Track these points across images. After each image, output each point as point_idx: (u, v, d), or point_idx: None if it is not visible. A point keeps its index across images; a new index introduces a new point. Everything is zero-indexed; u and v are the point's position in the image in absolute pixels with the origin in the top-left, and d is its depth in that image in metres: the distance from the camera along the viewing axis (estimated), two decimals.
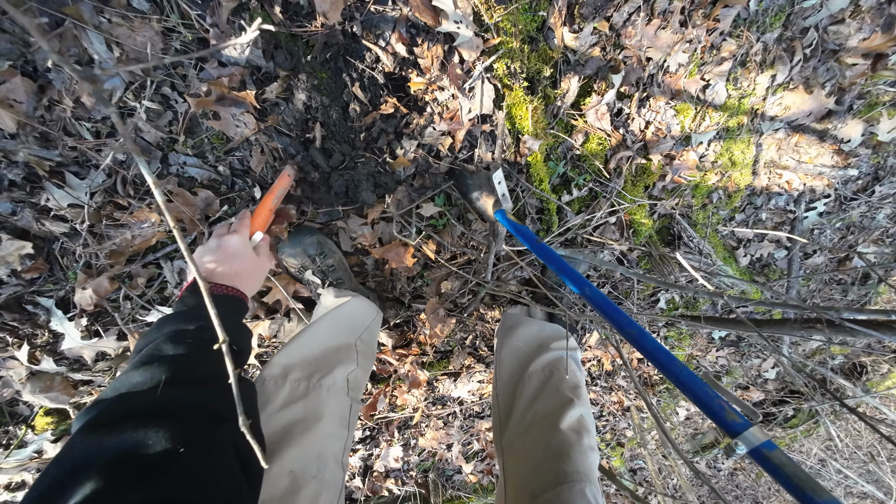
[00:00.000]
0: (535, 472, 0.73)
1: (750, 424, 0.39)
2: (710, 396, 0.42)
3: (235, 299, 0.65)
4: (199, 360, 0.50)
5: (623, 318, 0.54)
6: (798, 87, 1.20)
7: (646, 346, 0.51)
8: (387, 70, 0.85)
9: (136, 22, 0.69)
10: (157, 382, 0.44)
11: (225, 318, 0.56)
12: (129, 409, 0.42)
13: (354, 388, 0.83)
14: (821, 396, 2.07)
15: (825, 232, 1.71)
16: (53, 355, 0.93)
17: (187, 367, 0.48)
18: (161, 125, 0.80)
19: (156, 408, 0.42)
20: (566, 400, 0.85)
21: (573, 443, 0.75)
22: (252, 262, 0.70)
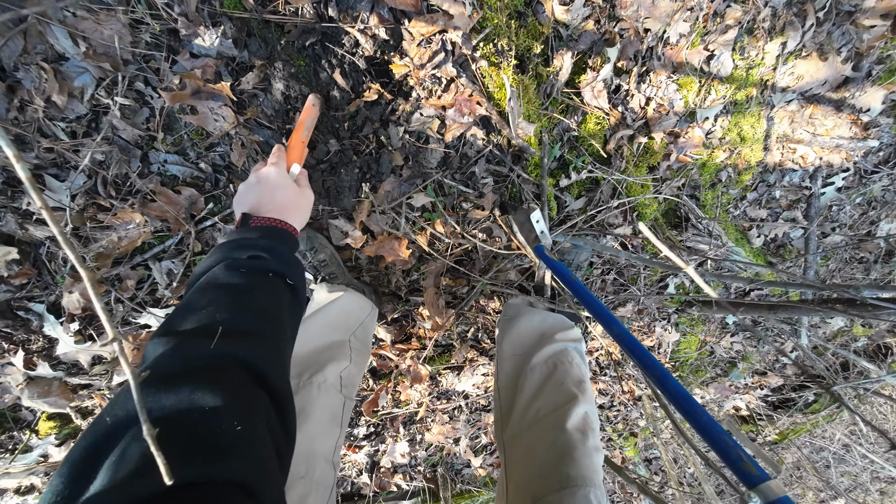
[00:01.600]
0: (538, 473, 0.70)
1: (767, 478, 0.37)
2: (727, 444, 0.42)
3: (285, 232, 0.61)
4: (253, 292, 0.47)
5: (649, 359, 0.55)
6: (811, 54, 1.12)
7: (668, 388, 0.52)
8: (367, 55, 0.81)
9: (101, 15, 0.67)
10: (213, 322, 0.41)
11: (276, 251, 0.54)
12: (186, 362, 0.38)
13: (348, 386, 0.80)
14: (843, 381, 1.98)
15: (844, 208, 1.62)
16: (49, 360, 0.93)
17: (240, 304, 0.45)
18: (138, 122, 0.78)
19: (212, 365, 0.38)
20: (570, 396, 0.81)
21: (577, 443, 0.71)
22: (295, 194, 0.67)
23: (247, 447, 0.34)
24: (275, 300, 0.50)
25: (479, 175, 1.00)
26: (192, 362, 0.38)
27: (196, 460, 0.30)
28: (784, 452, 2.70)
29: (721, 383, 2.06)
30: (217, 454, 0.32)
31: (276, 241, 0.57)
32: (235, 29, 0.73)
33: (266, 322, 0.45)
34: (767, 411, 2.21)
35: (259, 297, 0.48)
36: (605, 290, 1.37)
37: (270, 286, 0.51)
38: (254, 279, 0.49)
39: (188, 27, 0.69)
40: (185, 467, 0.29)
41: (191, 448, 0.31)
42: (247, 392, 0.38)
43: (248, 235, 0.56)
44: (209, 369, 0.37)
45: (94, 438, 0.32)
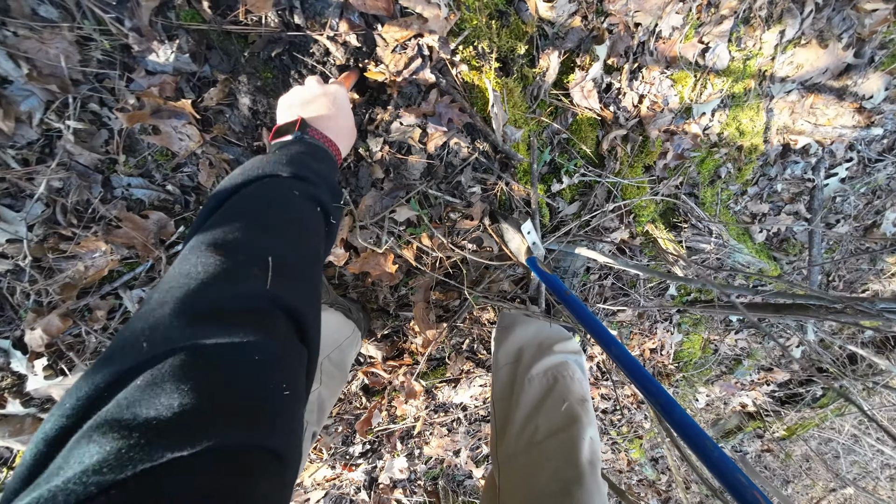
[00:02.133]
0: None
1: None
2: (742, 485, 0.39)
3: (335, 162, 0.54)
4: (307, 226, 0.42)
5: (652, 385, 0.52)
6: (811, 41, 1.07)
7: (675, 418, 0.48)
8: (339, 63, 0.76)
9: (45, 33, 0.62)
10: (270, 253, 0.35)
11: (329, 183, 0.48)
12: (240, 299, 0.32)
13: (314, 410, 0.75)
14: (851, 374, 1.94)
15: (848, 199, 1.57)
16: (20, 397, 0.89)
17: (297, 239, 0.40)
18: (96, 146, 0.73)
19: (267, 311, 0.32)
20: (574, 417, 0.75)
21: (584, 478, 0.64)
22: (351, 122, 0.61)
23: (290, 415, 0.30)
24: (320, 239, 0.45)
25: (465, 184, 0.95)
26: (245, 301, 0.32)
27: (244, 423, 0.27)
28: (792, 445, 2.66)
29: (727, 381, 2.01)
30: (263, 420, 0.28)
31: (330, 169, 0.51)
32: (193, 42, 0.68)
33: (312, 265, 0.41)
34: (775, 407, 2.16)
35: (308, 232, 0.43)
36: (604, 296, 1.32)
37: (317, 222, 0.46)
38: (307, 211, 0.44)
39: (140, 42, 0.64)
40: (230, 429, 0.26)
41: (235, 404, 0.27)
42: (294, 349, 0.33)
43: (305, 154, 0.49)
44: (263, 316, 0.32)
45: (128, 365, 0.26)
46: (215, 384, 0.27)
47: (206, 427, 0.25)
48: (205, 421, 0.25)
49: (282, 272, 0.35)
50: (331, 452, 1.39)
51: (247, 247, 0.35)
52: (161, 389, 0.25)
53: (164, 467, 0.23)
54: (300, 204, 0.43)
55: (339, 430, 1.34)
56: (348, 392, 1.29)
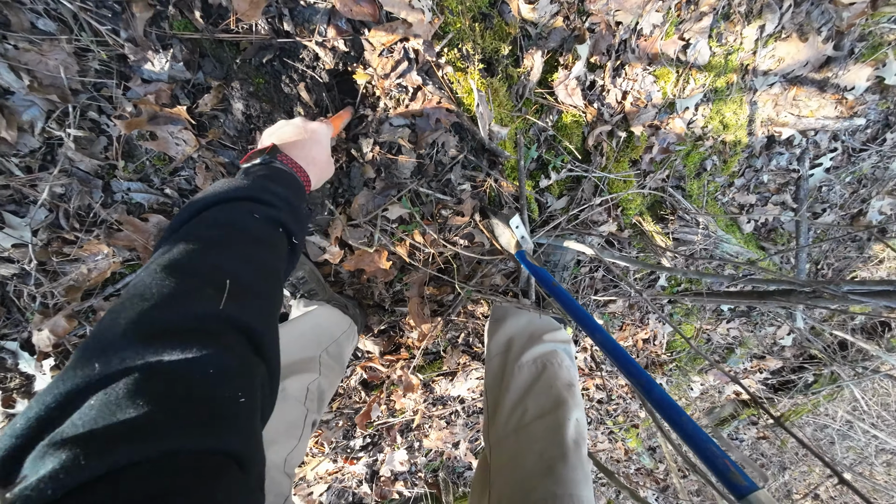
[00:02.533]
0: (521, 487, 0.68)
1: (755, 488, 0.35)
2: (714, 454, 0.41)
3: (301, 186, 0.56)
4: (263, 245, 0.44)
5: (634, 367, 0.55)
6: (791, 35, 1.09)
7: (654, 396, 0.51)
8: (328, 67, 0.78)
9: (44, 45, 0.64)
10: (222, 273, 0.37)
11: (291, 206, 0.50)
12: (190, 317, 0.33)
13: (314, 399, 0.78)
14: (842, 360, 1.98)
15: (834, 188, 1.60)
16: (28, 397, 0.92)
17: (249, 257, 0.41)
18: (95, 152, 0.76)
19: (218, 328, 0.34)
20: (561, 400, 0.79)
21: (568, 455, 0.68)
22: (327, 158, 0.63)
23: (246, 420, 0.31)
24: (278, 259, 0.46)
25: (455, 182, 0.98)
26: (199, 319, 0.33)
27: (196, 428, 0.28)
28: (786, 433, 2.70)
29: (720, 369, 2.05)
30: (218, 423, 0.29)
31: (294, 193, 0.53)
32: (187, 51, 0.71)
33: (269, 282, 0.42)
34: (768, 394, 2.20)
35: (266, 252, 0.44)
36: (595, 287, 1.35)
37: (278, 242, 0.47)
38: (266, 231, 0.46)
39: (136, 52, 0.67)
40: (181, 434, 0.27)
41: (191, 413, 0.28)
42: (248, 361, 0.35)
43: (267, 178, 0.51)
44: (215, 333, 0.33)
45: (77, 383, 0.27)
46: (170, 396, 0.28)
47: (161, 434, 0.26)
48: (160, 428, 0.26)
49: (235, 292, 0.36)
50: (332, 446, 1.43)
51: (200, 269, 0.37)
52: (116, 406, 0.26)
53: (121, 471, 0.23)
54: (259, 225, 0.45)
55: (340, 424, 1.37)
56: (347, 387, 1.32)
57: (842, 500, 3.66)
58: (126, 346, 0.29)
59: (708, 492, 2.93)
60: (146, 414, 0.26)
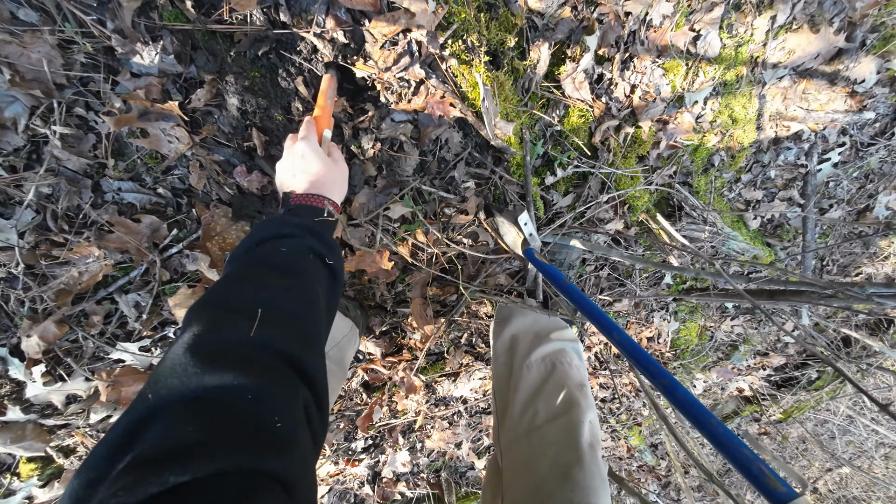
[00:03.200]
0: (537, 493, 0.65)
1: (795, 495, 0.32)
2: (748, 458, 0.38)
3: (321, 211, 0.60)
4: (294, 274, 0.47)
5: (655, 367, 0.52)
6: (802, 26, 1.06)
7: (678, 398, 0.48)
8: (326, 60, 0.75)
9: (25, 37, 0.61)
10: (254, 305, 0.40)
11: (314, 230, 0.53)
12: (227, 345, 0.37)
13: None
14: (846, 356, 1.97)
15: (841, 183, 1.58)
16: (20, 403, 0.89)
17: (281, 288, 0.44)
18: (84, 150, 0.72)
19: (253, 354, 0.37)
20: (573, 401, 0.77)
21: (584, 460, 0.66)
22: (328, 167, 0.64)
23: (290, 443, 0.33)
24: (314, 282, 0.49)
25: (459, 179, 0.95)
26: (234, 347, 0.37)
27: (238, 447, 0.30)
28: (788, 427, 2.70)
29: (723, 366, 2.04)
30: (259, 444, 0.31)
31: (315, 220, 0.57)
32: (178, 43, 0.67)
33: (305, 307, 0.45)
34: (771, 391, 2.19)
35: (300, 280, 0.47)
36: (600, 286, 1.33)
37: (310, 268, 0.51)
38: (294, 260, 0.49)
39: (124, 44, 0.63)
40: (226, 454, 0.29)
41: (232, 435, 0.31)
42: (288, 385, 0.37)
43: (288, 214, 0.56)
44: (250, 358, 0.36)
45: (136, 416, 0.32)
46: (214, 421, 0.31)
47: (207, 456, 0.28)
48: (207, 451, 0.29)
49: (269, 320, 0.39)
50: (333, 448, 1.40)
51: (236, 305, 0.41)
52: (169, 433, 0.30)
53: (170, 491, 0.26)
54: (287, 258, 0.48)
55: (341, 426, 1.35)
56: (349, 389, 1.29)
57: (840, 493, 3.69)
58: (175, 378, 0.33)
59: (709, 488, 2.93)
60: (195, 438, 0.29)
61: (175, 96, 0.72)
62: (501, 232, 0.97)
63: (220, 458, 0.28)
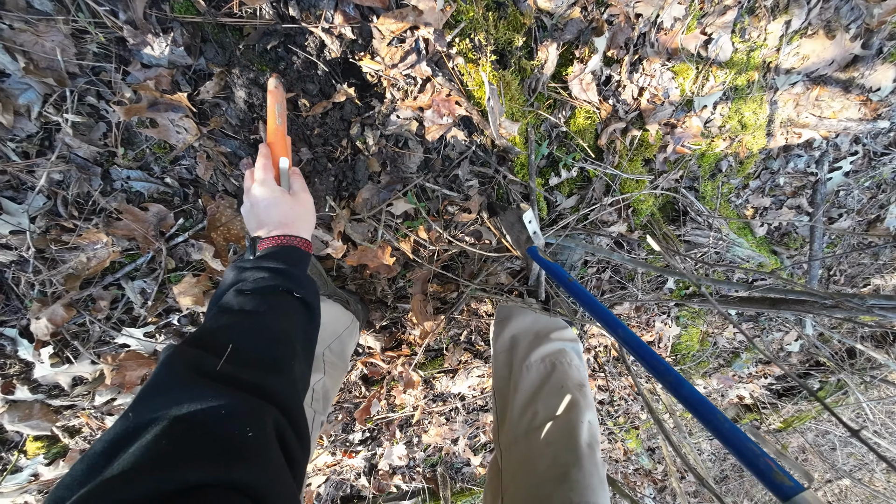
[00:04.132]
0: (536, 493, 0.66)
1: (801, 489, 0.33)
2: (755, 453, 0.39)
3: (289, 249, 0.61)
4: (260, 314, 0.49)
5: (661, 364, 0.52)
6: (817, 32, 1.04)
7: (683, 394, 0.48)
8: (333, 56, 0.75)
9: (40, 26, 0.62)
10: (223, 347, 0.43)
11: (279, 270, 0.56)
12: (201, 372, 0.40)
13: (320, 399, 0.77)
14: (850, 367, 1.94)
15: (852, 192, 1.55)
16: (28, 383, 0.91)
17: (248, 328, 0.47)
18: (94, 139, 0.74)
19: (225, 381, 0.40)
20: (572, 402, 0.77)
21: (583, 460, 0.66)
22: (290, 206, 0.65)
23: (257, 454, 0.34)
24: (283, 317, 0.51)
25: (462, 177, 0.95)
26: (211, 373, 0.40)
27: (207, 462, 0.31)
28: (788, 437, 2.69)
29: (724, 374, 2.02)
30: (228, 457, 0.32)
31: (280, 260, 0.58)
32: (188, 35, 0.68)
33: (275, 344, 0.47)
34: (771, 400, 2.18)
35: (267, 317, 0.49)
36: (602, 289, 1.33)
37: (278, 303, 0.52)
38: (260, 299, 0.51)
39: (135, 35, 0.64)
40: (194, 468, 0.30)
41: (204, 449, 0.32)
42: (258, 404, 0.39)
43: (255, 259, 0.58)
44: (226, 382, 0.39)
45: (117, 432, 0.34)
46: (187, 438, 0.33)
47: (178, 467, 0.30)
48: (178, 463, 0.30)
49: (235, 358, 0.42)
50: (331, 440, 1.42)
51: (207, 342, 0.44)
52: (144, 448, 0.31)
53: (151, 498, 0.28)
54: (252, 299, 0.51)
55: (339, 418, 1.37)
56: (348, 381, 1.31)
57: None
58: (155, 399, 0.36)
59: (705, 493, 2.92)
60: (167, 453, 0.31)
61: (184, 88, 0.73)
62: (504, 230, 0.97)
63: (190, 471, 0.30)
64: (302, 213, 0.66)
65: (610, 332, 0.61)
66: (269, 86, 0.68)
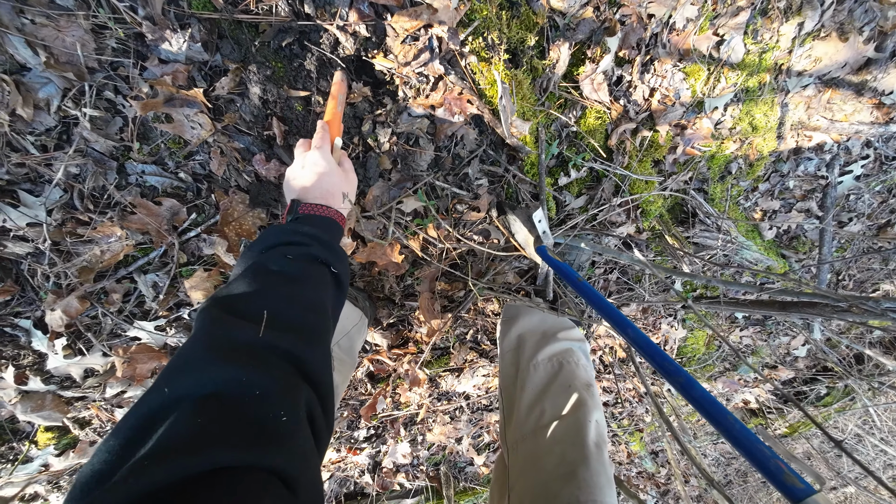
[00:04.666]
0: (543, 491, 0.66)
1: (812, 491, 0.33)
2: (765, 455, 0.39)
3: (330, 221, 0.61)
4: (300, 281, 0.48)
5: (671, 365, 0.52)
6: (830, 34, 1.04)
7: (694, 395, 0.48)
8: (348, 54, 0.76)
9: (61, 21, 0.63)
10: (261, 310, 0.42)
11: (321, 239, 0.54)
12: (236, 342, 0.39)
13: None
14: (857, 373, 1.93)
15: (863, 196, 1.54)
16: (41, 375, 0.92)
17: (287, 295, 0.46)
18: (111, 133, 0.75)
19: (260, 352, 0.39)
20: (580, 401, 0.77)
21: (590, 459, 0.66)
22: (340, 179, 0.65)
23: (290, 438, 0.34)
24: (320, 289, 0.51)
25: (472, 176, 0.96)
26: (244, 346, 0.38)
27: (241, 443, 0.31)
28: (793, 443, 2.66)
29: (730, 377, 2.01)
30: (262, 440, 0.32)
31: (322, 229, 0.57)
32: (205, 31, 0.69)
33: (311, 313, 0.46)
34: (777, 404, 2.16)
35: (305, 286, 0.48)
36: (609, 290, 1.32)
37: (316, 274, 0.52)
38: (300, 267, 0.50)
39: (154, 31, 0.65)
40: (230, 449, 0.30)
41: (238, 430, 0.32)
42: (292, 383, 0.38)
43: (295, 222, 0.57)
44: (259, 356, 0.38)
45: (151, 406, 0.33)
46: (221, 417, 0.32)
47: (212, 448, 0.29)
48: (212, 443, 0.30)
49: (275, 324, 0.41)
50: (336, 436, 1.43)
51: (245, 310, 0.42)
52: (180, 425, 0.31)
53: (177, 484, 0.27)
54: (294, 264, 0.50)
55: (345, 414, 1.37)
56: (354, 378, 1.31)
57: None
58: (189, 373, 0.35)
59: (708, 498, 2.91)
60: (204, 433, 0.30)
61: (200, 83, 0.74)
62: (513, 230, 0.97)
63: (223, 453, 0.29)
64: (348, 190, 0.67)
65: (620, 332, 0.61)
66: (336, 77, 0.74)
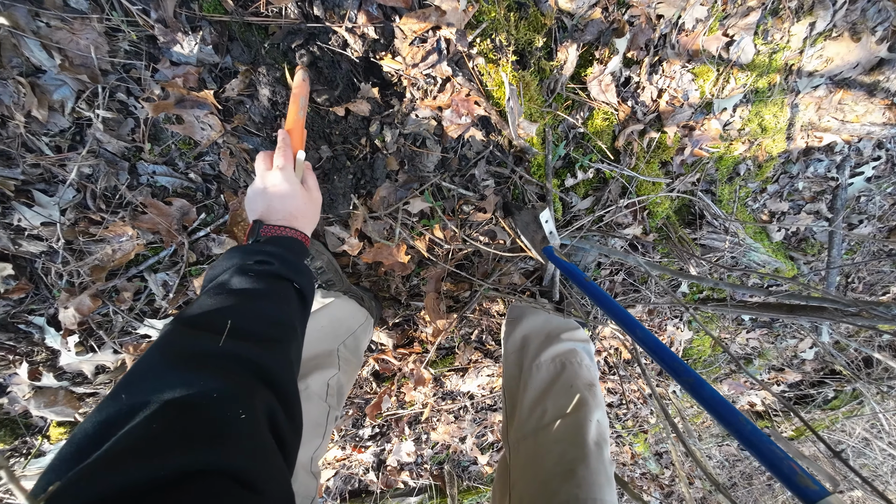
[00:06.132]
0: (543, 490, 0.67)
1: (826, 493, 0.33)
2: (778, 457, 0.38)
3: (292, 240, 0.61)
4: (261, 296, 0.49)
5: (680, 366, 0.52)
6: (842, 34, 1.03)
7: (704, 396, 0.47)
8: (356, 55, 0.76)
9: (76, 24, 0.64)
10: (222, 325, 0.43)
11: (283, 258, 0.55)
12: (196, 351, 0.39)
13: (335, 395, 0.78)
14: (866, 377, 1.91)
15: (873, 198, 1.52)
16: (54, 371, 0.94)
17: (248, 309, 0.47)
18: (123, 134, 0.76)
19: (219, 359, 0.40)
20: (581, 400, 0.77)
21: (589, 458, 0.67)
22: (303, 201, 0.64)
23: (249, 437, 0.34)
24: (283, 303, 0.51)
25: (479, 177, 0.96)
26: (203, 353, 0.39)
27: (197, 446, 0.31)
28: (800, 446, 2.64)
29: (736, 379, 2.00)
30: (219, 440, 0.32)
31: (286, 248, 0.58)
32: (216, 34, 0.69)
33: (273, 326, 0.47)
34: (784, 408, 2.14)
35: (268, 301, 0.49)
36: (615, 291, 1.32)
37: (279, 289, 0.53)
38: (262, 283, 0.51)
39: (166, 34, 0.66)
40: (184, 452, 0.30)
41: (194, 433, 0.32)
42: (250, 386, 0.39)
43: (257, 244, 0.58)
44: (215, 362, 0.39)
45: (108, 414, 0.33)
46: (179, 421, 0.32)
47: (170, 451, 0.29)
48: (170, 446, 0.30)
49: (235, 334, 0.42)
50: (341, 434, 1.44)
51: (205, 321, 0.43)
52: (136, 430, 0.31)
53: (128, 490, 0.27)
54: (255, 281, 0.51)
55: (350, 413, 1.38)
56: (359, 377, 1.32)
57: None
58: (147, 380, 0.36)
59: (712, 500, 2.89)
60: (157, 436, 0.30)
61: (210, 85, 0.75)
62: (519, 230, 0.97)
63: (180, 456, 0.29)
64: (311, 211, 0.66)
65: (627, 331, 0.60)
66: (297, 77, 0.68)
